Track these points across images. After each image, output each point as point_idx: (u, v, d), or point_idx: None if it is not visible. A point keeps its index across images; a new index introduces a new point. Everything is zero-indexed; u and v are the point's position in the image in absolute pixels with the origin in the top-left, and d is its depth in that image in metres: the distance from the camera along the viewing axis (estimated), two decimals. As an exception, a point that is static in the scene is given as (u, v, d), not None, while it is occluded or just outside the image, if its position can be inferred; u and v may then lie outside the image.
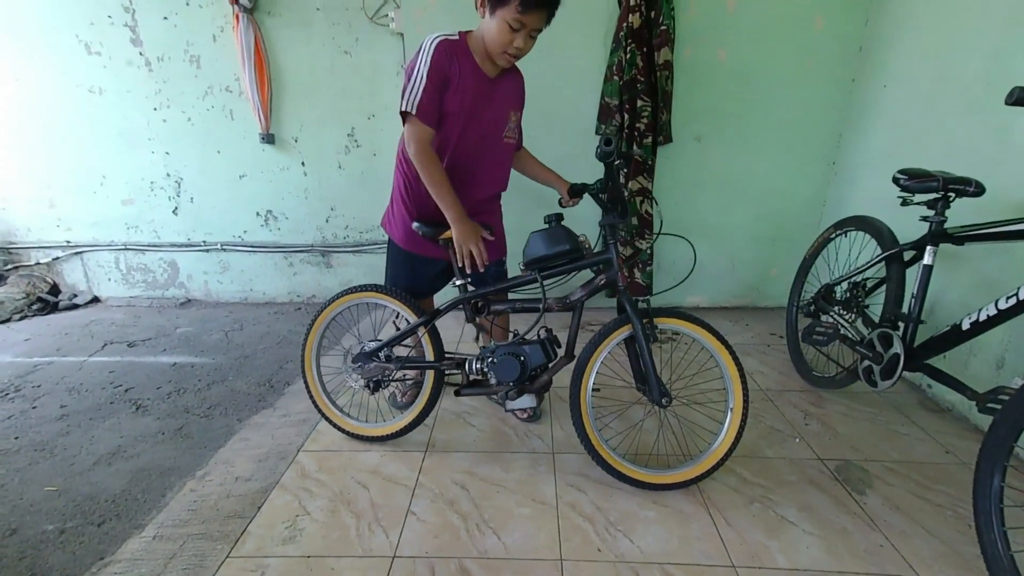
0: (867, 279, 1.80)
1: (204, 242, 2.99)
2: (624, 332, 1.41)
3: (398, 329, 1.61)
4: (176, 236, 2.99)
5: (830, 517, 1.37)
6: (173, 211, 2.94)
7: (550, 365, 1.50)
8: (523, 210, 2.07)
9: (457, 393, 1.59)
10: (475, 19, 2.41)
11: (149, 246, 3.01)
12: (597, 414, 1.54)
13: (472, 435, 1.75)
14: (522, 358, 1.47)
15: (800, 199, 2.67)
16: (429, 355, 1.60)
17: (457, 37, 1.39)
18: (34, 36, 2.64)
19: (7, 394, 2.03)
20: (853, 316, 1.81)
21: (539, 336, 1.49)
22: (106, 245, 3.02)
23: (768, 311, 2.85)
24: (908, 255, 1.63)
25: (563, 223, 1.41)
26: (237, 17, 2.51)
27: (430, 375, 1.61)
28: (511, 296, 1.60)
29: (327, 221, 2.94)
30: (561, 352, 1.50)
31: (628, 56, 2.30)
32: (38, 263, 3.07)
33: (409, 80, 1.35)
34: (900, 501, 1.42)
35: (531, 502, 1.43)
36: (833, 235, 1.96)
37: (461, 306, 1.54)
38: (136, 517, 1.42)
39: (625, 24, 2.28)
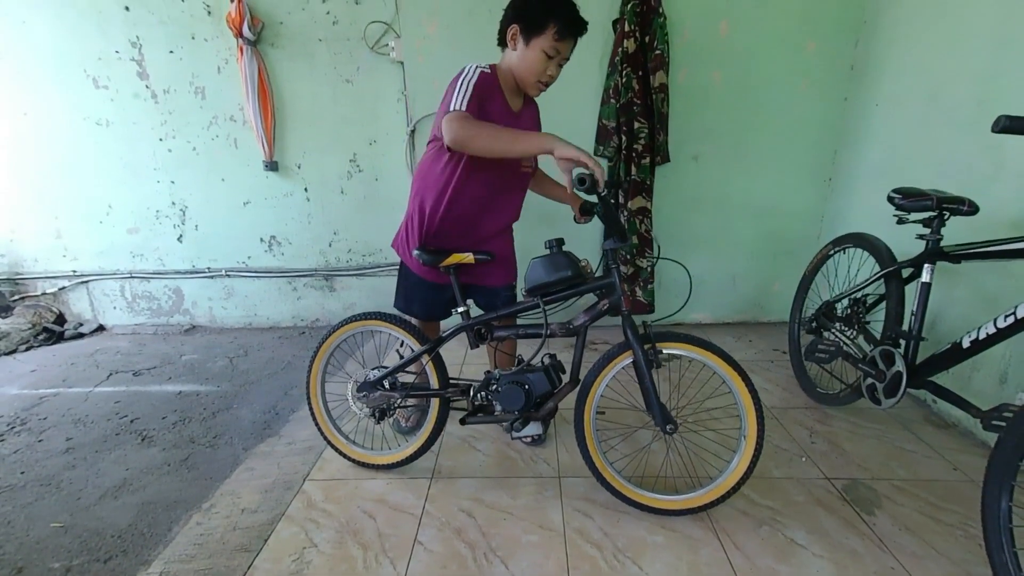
0: (867, 296, 1.81)
1: (209, 268, 3.02)
2: (626, 358, 1.41)
3: (402, 357, 1.62)
4: (181, 263, 3.02)
5: (840, 539, 1.36)
6: (178, 238, 2.98)
7: (555, 392, 1.49)
8: (527, 229, 2.08)
9: (462, 422, 1.58)
10: (472, 48, 2.47)
11: (154, 274, 3.04)
12: (603, 436, 1.53)
13: (478, 460, 1.74)
14: (526, 386, 1.46)
15: (799, 215, 2.70)
16: (434, 383, 1.60)
17: (490, 71, 1.40)
18: (44, 71, 2.71)
19: (13, 427, 2.04)
20: (854, 332, 1.81)
21: (543, 363, 1.49)
22: (112, 274, 3.05)
23: (771, 326, 2.85)
24: (906, 272, 1.64)
25: (564, 247, 1.41)
26: (241, 49, 2.57)
27: (435, 403, 1.61)
28: (516, 321, 1.61)
29: (330, 245, 2.97)
30: (566, 378, 1.50)
31: (624, 80, 2.35)
32: (44, 293, 3.10)
33: (453, 93, 1.32)
34: (910, 521, 1.41)
35: (538, 529, 1.43)
36: (832, 251, 1.97)
37: (465, 332, 1.55)
38: (142, 553, 1.41)
39: (620, 49, 2.34)
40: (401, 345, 1.64)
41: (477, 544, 1.38)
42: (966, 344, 1.33)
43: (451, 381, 1.61)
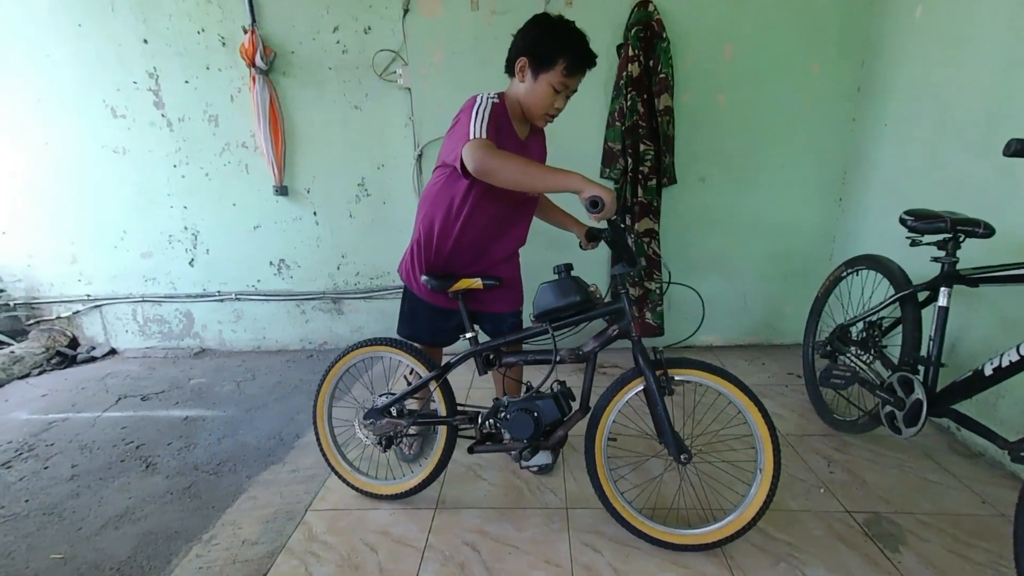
0: (882, 319, 1.76)
1: (219, 292, 3.05)
2: (637, 385, 1.37)
3: (410, 383, 1.60)
4: (192, 287, 3.06)
5: (863, 578, 1.29)
6: (189, 263, 3.02)
7: (564, 420, 1.46)
8: (534, 254, 2.06)
9: (471, 450, 1.55)
10: (476, 76, 2.51)
11: (166, 297, 3.08)
12: (613, 464, 1.49)
13: (484, 490, 1.70)
14: (535, 414, 1.43)
15: (809, 235, 2.66)
16: (442, 410, 1.57)
17: (499, 100, 1.40)
18: (65, 102, 2.80)
19: (21, 454, 2.04)
20: (870, 357, 1.76)
21: (552, 390, 1.46)
22: (124, 297, 3.09)
23: (784, 348, 2.79)
24: (922, 296, 1.59)
25: (573, 272, 1.40)
26: (253, 79, 2.64)
27: (443, 430, 1.58)
28: (524, 347, 1.58)
29: (338, 268, 2.98)
30: (575, 406, 1.47)
31: (629, 103, 2.36)
32: (59, 317, 3.14)
33: (470, 121, 1.30)
34: (937, 559, 1.34)
35: (545, 564, 1.38)
36: (844, 273, 1.93)
37: (472, 359, 1.52)
38: (141, 586, 1.39)
39: (624, 73, 2.35)
40: (411, 372, 1.62)
41: (481, 580, 1.33)
42: (988, 372, 1.28)
43: (459, 408, 1.59)
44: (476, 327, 1.54)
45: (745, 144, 2.54)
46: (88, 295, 3.11)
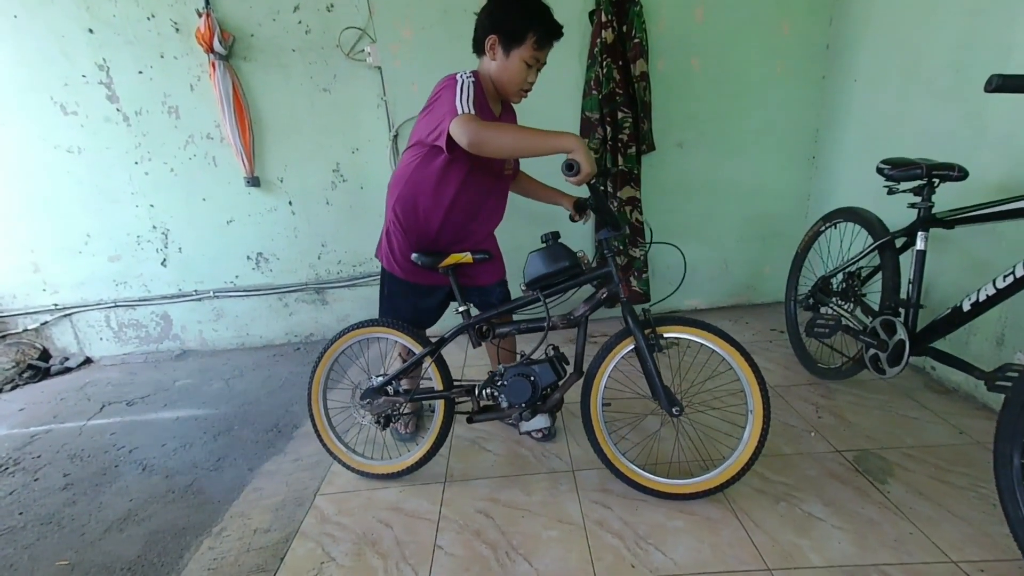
0: (861, 268, 1.84)
1: (196, 291, 2.95)
2: (628, 345, 1.42)
3: (404, 361, 1.60)
4: (167, 288, 2.95)
5: (856, 509, 1.37)
6: (162, 263, 2.91)
7: (560, 383, 1.50)
8: (514, 229, 2.07)
9: (470, 420, 1.58)
10: (448, 50, 2.46)
11: (140, 301, 2.97)
12: (612, 428, 1.53)
13: (489, 460, 1.73)
14: (532, 378, 1.47)
15: (785, 196, 2.73)
16: (438, 385, 1.59)
17: (475, 78, 1.38)
18: (8, 101, 2.62)
19: (7, 468, 1.97)
20: (851, 305, 1.84)
21: (547, 354, 1.50)
22: (95, 304, 2.96)
23: (765, 307, 2.88)
24: (899, 242, 1.66)
25: (560, 240, 1.42)
26: (213, 65, 2.52)
27: (440, 405, 1.60)
28: (515, 317, 1.60)
29: (319, 258, 2.92)
30: (570, 369, 1.50)
31: (605, 70, 2.35)
32: (26, 329, 3.00)
33: (454, 97, 1.29)
34: (922, 487, 1.43)
35: (558, 524, 1.42)
36: (823, 228, 2.00)
37: (466, 332, 1.53)
38: (154, 584, 1.37)
39: (599, 40, 2.34)
40: (408, 352, 1.62)
41: (498, 544, 1.36)
42: (966, 307, 1.35)
43: (455, 382, 1.60)
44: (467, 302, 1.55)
45: (720, 108, 2.57)
46: (56, 304, 2.97)
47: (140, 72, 2.61)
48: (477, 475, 1.66)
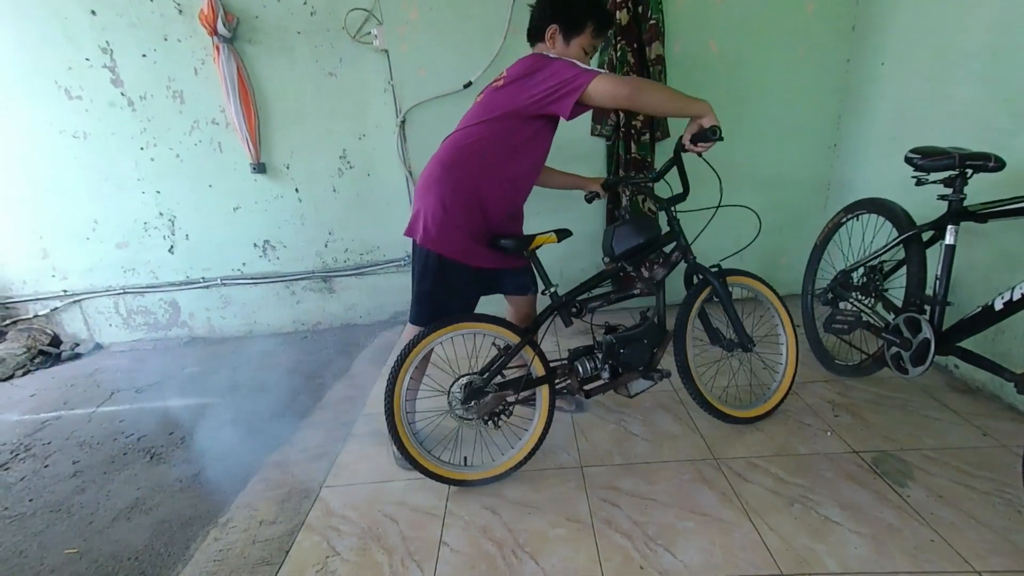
0: (883, 262, 1.76)
1: (203, 278, 2.95)
2: (706, 293, 1.63)
3: (500, 350, 1.51)
4: (174, 275, 2.95)
5: (874, 513, 1.33)
6: (169, 250, 2.90)
7: (662, 342, 1.62)
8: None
9: (588, 395, 1.62)
10: (456, 32, 2.40)
11: (148, 287, 2.97)
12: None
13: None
14: (645, 340, 1.58)
15: (804, 185, 2.63)
16: (538, 371, 1.54)
17: None
18: (12, 86, 2.60)
19: (17, 454, 1.99)
20: (872, 301, 1.77)
21: (648, 317, 1.63)
22: (104, 291, 2.97)
23: (780, 299, 2.81)
24: (927, 236, 1.59)
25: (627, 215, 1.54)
26: (217, 48, 2.47)
27: (543, 392, 1.56)
28: (594, 292, 1.63)
29: (326, 246, 2.89)
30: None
31: (619, 53, 2.27)
32: (36, 315, 3.02)
33: (569, 64, 1.35)
34: (944, 491, 1.38)
35: (566, 522, 1.40)
36: (844, 219, 1.92)
37: (556, 313, 1.55)
38: (162, 573, 1.38)
39: (614, 21, 2.24)
40: (506, 349, 1.51)
41: (504, 542, 1.34)
42: (999, 306, 1.28)
43: (551, 365, 1.58)
44: (556, 282, 1.54)
45: (737, 93, 2.46)
46: (65, 291, 2.98)
47: (144, 55, 2.57)
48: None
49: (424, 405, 1.63)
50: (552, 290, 1.52)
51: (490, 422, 1.53)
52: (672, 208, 1.62)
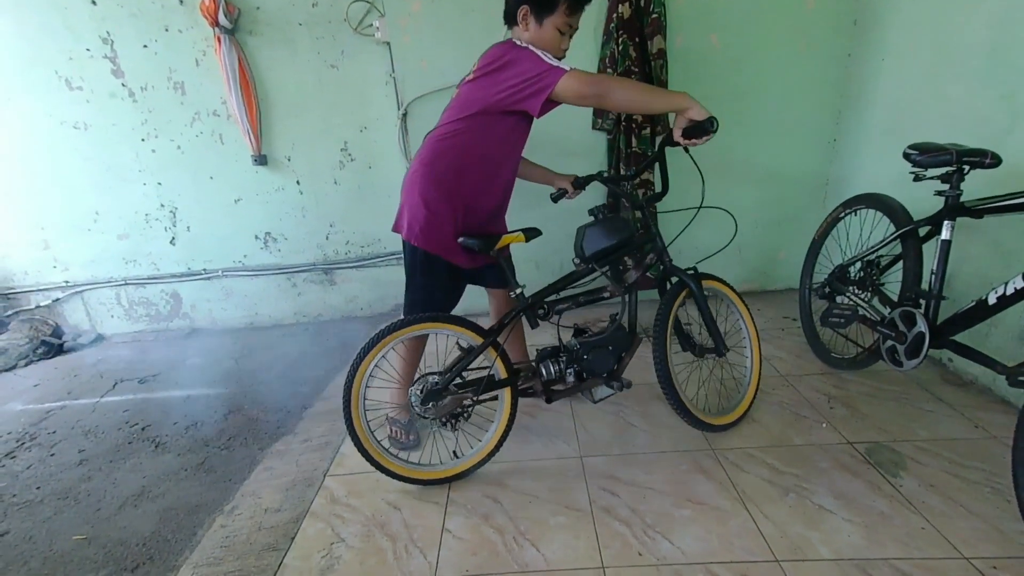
0: (880, 257, 1.79)
1: (204, 270, 2.96)
2: (683, 296, 1.57)
3: (462, 350, 1.49)
4: (176, 266, 2.96)
5: (867, 502, 1.36)
6: (170, 241, 2.90)
7: (630, 348, 1.56)
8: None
9: (549, 401, 1.57)
10: (458, 25, 2.39)
11: (149, 279, 2.98)
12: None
13: (497, 446, 1.73)
14: (610, 347, 1.51)
15: (802, 180, 2.65)
16: (501, 373, 1.51)
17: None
18: (13, 76, 2.59)
19: (23, 443, 2.01)
20: (869, 295, 1.79)
21: (616, 321, 1.53)
22: (105, 282, 2.98)
23: (778, 294, 2.84)
24: (923, 231, 1.61)
25: (609, 213, 1.52)
26: (219, 39, 2.46)
27: (506, 394, 1.53)
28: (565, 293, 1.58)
29: (327, 238, 2.90)
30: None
31: (620, 47, 2.27)
32: (38, 306, 3.03)
33: (539, 58, 1.31)
34: (935, 480, 1.42)
35: (565, 510, 1.42)
36: (842, 214, 1.94)
37: (522, 314, 1.52)
38: (169, 559, 1.40)
39: (615, 15, 2.25)
40: (469, 350, 1.49)
41: (506, 529, 1.37)
42: (992, 300, 1.31)
43: (515, 367, 1.55)
44: (523, 283, 1.52)
45: (738, 87, 2.47)
46: (66, 281, 2.99)
47: (145, 46, 2.56)
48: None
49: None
50: (519, 291, 1.49)
51: (447, 424, 1.50)
52: (649, 208, 1.54)
